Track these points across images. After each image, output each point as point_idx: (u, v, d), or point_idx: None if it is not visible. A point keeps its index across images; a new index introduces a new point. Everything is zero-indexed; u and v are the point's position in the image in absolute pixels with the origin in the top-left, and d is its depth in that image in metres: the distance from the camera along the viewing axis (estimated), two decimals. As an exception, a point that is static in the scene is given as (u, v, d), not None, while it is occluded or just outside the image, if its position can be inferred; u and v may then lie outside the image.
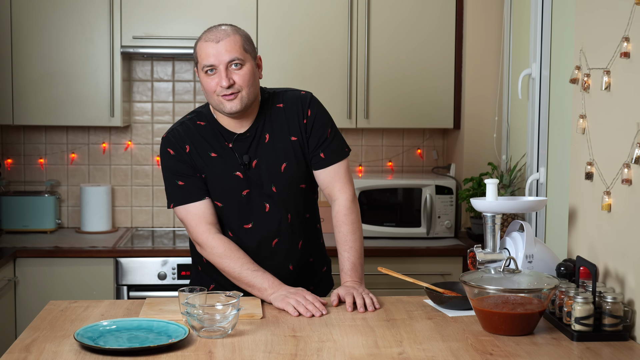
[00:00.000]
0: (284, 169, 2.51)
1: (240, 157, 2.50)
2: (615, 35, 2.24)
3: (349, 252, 2.53)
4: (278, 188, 2.51)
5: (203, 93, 2.55)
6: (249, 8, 3.95)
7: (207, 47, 2.40)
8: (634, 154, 2.11)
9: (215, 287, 2.61)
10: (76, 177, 4.30)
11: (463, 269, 3.81)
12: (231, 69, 2.40)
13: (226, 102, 2.41)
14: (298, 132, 2.52)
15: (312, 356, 1.96)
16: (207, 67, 2.41)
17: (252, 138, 2.51)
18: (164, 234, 4.19)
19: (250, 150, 2.50)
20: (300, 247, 2.60)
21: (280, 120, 2.52)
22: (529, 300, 2.10)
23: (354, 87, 4.01)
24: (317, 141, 2.53)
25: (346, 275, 2.51)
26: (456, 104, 4.10)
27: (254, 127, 2.51)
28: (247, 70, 2.42)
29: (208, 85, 2.42)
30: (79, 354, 1.96)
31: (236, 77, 2.40)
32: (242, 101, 2.42)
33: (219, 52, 2.39)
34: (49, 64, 3.92)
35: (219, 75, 2.40)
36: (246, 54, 2.43)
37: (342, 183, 2.56)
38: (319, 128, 2.54)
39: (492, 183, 2.40)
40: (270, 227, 2.54)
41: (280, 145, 2.51)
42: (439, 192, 3.97)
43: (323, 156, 2.54)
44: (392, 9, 4.01)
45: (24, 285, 3.69)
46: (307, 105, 2.54)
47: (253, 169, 2.50)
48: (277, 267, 2.55)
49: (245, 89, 2.41)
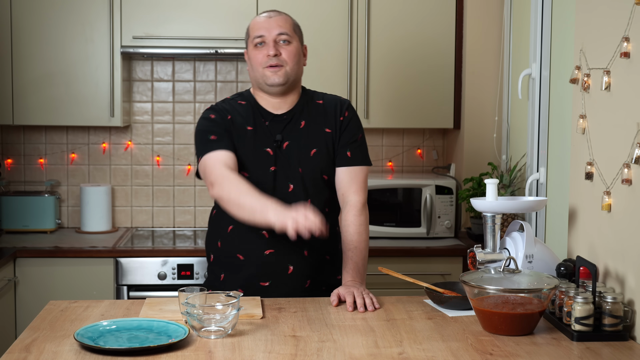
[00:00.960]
0: (313, 154, 2.60)
1: (273, 135, 2.59)
2: (615, 35, 2.24)
3: (353, 251, 2.56)
4: (303, 171, 2.59)
5: (248, 73, 2.66)
6: (249, 8, 3.95)
7: (260, 21, 2.60)
8: (634, 154, 2.11)
9: (225, 277, 2.62)
10: (76, 177, 4.30)
11: (463, 269, 3.81)
12: (280, 43, 2.56)
13: (270, 74, 2.55)
14: (333, 127, 2.64)
15: (312, 356, 1.96)
16: (257, 37, 2.57)
17: (288, 121, 2.62)
18: (164, 234, 4.19)
19: (285, 131, 2.61)
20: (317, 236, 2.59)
21: (318, 112, 2.65)
22: (529, 300, 2.10)
23: (354, 87, 4.01)
24: (348, 140, 2.63)
25: (348, 275, 2.53)
26: (456, 104, 4.10)
27: (291, 111, 2.63)
28: (293, 48, 2.58)
29: (255, 58, 2.57)
30: (79, 354, 1.96)
31: (283, 52, 2.56)
32: (285, 75, 2.56)
33: (271, 25, 2.57)
34: (49, 64, 3.92)
35: (267, 46, 2.56)
36: (295, 34, 2.61)
37: (358, 187, 2.63)
38: (352, 129, 2.65)
39: (492, 183, 2.40)
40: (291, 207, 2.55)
41: (314, 133, 2.62)
42: (439, 192, 3.97)
43: (349, 155, 2.63)
44: (392, 8, 4.01)
45: (24, 285, 3.69)
46: (345, 107, 2.67)
47: (284, 149, 2.59)
48: (291, 249, 2.57)
49: (289, 65, 2.57)
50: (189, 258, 3.75)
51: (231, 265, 2.62)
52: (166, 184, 4.33)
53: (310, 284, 2.62)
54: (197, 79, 4.32)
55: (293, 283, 2.59)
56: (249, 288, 2.57)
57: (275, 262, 2.58)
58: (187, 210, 4.35)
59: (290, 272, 2.58)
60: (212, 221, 2.71)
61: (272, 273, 2.58)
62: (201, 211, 4.35)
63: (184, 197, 4.34)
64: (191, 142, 4.32)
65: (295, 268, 2.58)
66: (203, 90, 4.33)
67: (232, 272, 2.62)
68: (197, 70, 4.31)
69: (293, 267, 2.58)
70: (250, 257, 2.59)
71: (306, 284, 2.61)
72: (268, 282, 2.58)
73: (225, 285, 2.61)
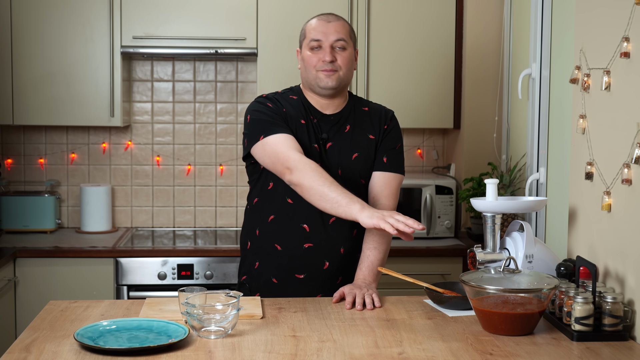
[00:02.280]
0: (355, 158, 2.64)
1: (320, 132, 2.64)
2: (615, 35, 2.24)
3: (371, 251, 2.59)
4: (343, 173, 2.62)
5: (300, 72, 2.67)
6: (249, 8, 3.96)
7: (319, 24, 2.61)
8: (634, 154, 2.11)
9: (260, 265, 2.66)
10: (76, 177, 4.30)
11: (463, 269, 3.81)
12: (336, 49, 2.59)
13: (324, 77, 2.58)
14: (377, 134, 2.69)
15: (312, 356, 1.96)
16: (314, 41, 2.59)
17: (335, 122, 2.65)
18: (164, 234, 4.19)
19: (330, 132, 2.64)
20: (354, 235, 2.65)
21: (363, 119, 2.69)
22: (528, 300, 2.10)
23: (354, 87, 4.00)
24: (387, 146, 2.68)
25: (360, 273, 2.58)
26: (456, 104, 4.10)
27: (339, 114, 2.67)
28: (348, 54, 2.61)
29: (309, 60, 2.60)
30: (79, 354, 1.96)
31: (338, 57, 2.59)
32: (338, 80, 2.59)
33: (329, 30, 2.59)
34: (49, 64, 3.92)
35: (323, 51, 2.58)
36: (350, 40, 2.63)
37: (391, 192, 2.67)
38: (392, 137, 2.70)
39: (492, 183, 2.40)
40: None
41: (357, 138, 2.66)
42: (439, 192, 3.97)
43: (385, 160, 2.67)
44: (392, 8, 4.01)
45: (24, 285, 3.69)
46: (389, 116, 2.73)
47: (327, 149, 2.62)
48: (329, 243, 2.61)
49: (343, 70, 2.60)
50: (189, 258, 3.75)
51: (267, 254, 2.65)
52: (166, 184, 4.33)
53: (342, 280, 2.66)
54: (197, 79, 4.32)
55: (326, 278, 2.64)
56: (284, 278, 2.63)
57: (313, 256, 2.62)
58: (187, 210, 4.35)
59: (326, 267, 2.63)
60: (252, 210, 2.71)
61: (309, 266, 2.62)
62: (201, 211, 4.35)
63: (184, 197, 4.34)
64: (191, 142, 4.33)
65: (331, 264, 2.63)
66: (203, 90, 4.33)
67: (267, 261, 2.66)
68: (197, 70, 4.31)
69: (329, 263, 2.63)
70: (289, 248, 2.63)
71: (338, 281, 2.65)
72: (303, 275, 2.63)
73: (259, 273, 2.66)
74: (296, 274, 2.63)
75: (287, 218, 2.61)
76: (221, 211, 4.36)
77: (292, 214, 2.60)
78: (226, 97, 4.33)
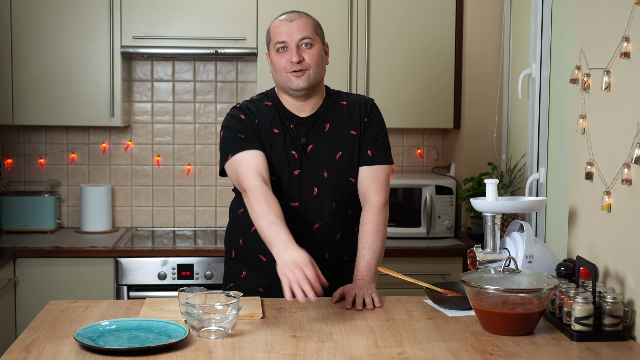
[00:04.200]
0: (339, 158, 2.61)
1: (298, 138, 2.58)
2: (615, 35, 2.24)
3: (367, 250, 2.57)
4: (329, 174, 2.59)
5: (272, 75, 2.64)
6: (249, 8, 3.96)
7: (281, 25, 2.56)
8: (634, 154, 2.11)
9: (247, 274, 2.63)
10: (76, 177, 4.30)
11: (463, 269, 3.81)
12: (302, 47, 2.54)
13: (294, 79, 2.54)
14: (358, 128, 2.64)
15: (312, 356, 1.96)
16: (279, 43, 2.54)
17: (313, 124, 2.61)
18: (164, 234, 4.19)
19: (310, 134, 2.61)
20: (338, 239, 2.63)
21: (342, 114, 2.65)
22: (528, 300, 2.10)
23: (354, 87, 4.00)
24: (370, 139, 2.64)
25: (358, 273, 2.55)
26: (456, 104, 4.10)
27: (315, 114, 2.63)
28: (316, 51, 2.56)
29: (278, 63, 2.56)
30: (79, 354, 1.96)
31: (306, 56, 2.54)
32: (309, 79, 2.54)
33: (292, 30, 2.54)
34: (49, 64, 3.92)
35: (289, 52, 2.54)
36: (316, 36, 2.58)
37: (380, 185, 2.62)
38: (374, 128, 2.65)
39: (492, 183, 2.40)
40: (315, 210, 2.59)
41: (339, 136, 2.62)
42: (439, 192, 3.97)
43: (370, 154, 2.63)
44: (392, 9, 4.01)
45: (24, 285, 3.69)
46: (369, 107, 2.67)
47: (308, 152, 2.59)
48: (313, 250, 2.53)
49: (313, 68, 2.55)
50: (189, 258, 3.75)
51: (253, 264, 2.63)
52: (166, 184, 4.33)
53: (331, 286, 2.60)
54: (197, 79, 4.32)
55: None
56: (270, 288, 2.59)
57: None
58: (187, 210, 4.35)
59: None
60: (236, 218, 2.70)
61: None
62: (201, 211, 4.35)
63: (184, 197, 4.34)
64: (191, 142, 4.32)
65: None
66: (203, 90, 4.33)
67: (254, 271, 2.64)
68: (197, 70, 4.31)
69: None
70: (272, 259, 2.56)
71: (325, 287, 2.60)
72: None
73: (246, 282, 2.63)
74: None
75: None
76: (221, 211, 4.35)
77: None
78: (226, 97, 4.33)
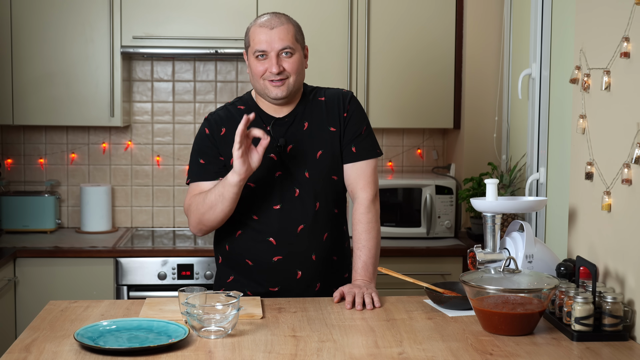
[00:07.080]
0: (319, 156, 2.56)
1: (276, 139, 2.55)
2: (615, 35, 2.24)
3: (362, 250, 2.54)
4: (310, 174, 2.55)
5: (249, 76, 2.61)
6: (249, 8, 3.96)
7: (261, 32, 2.49)
8: (634, 154, 2.11)
9: (234, 278, 2.62)
10: (76, 177, 4.30)
11: (463, 269, 3.81)
12: (282, 56, 2.48)
13: (272, 88, 2.49)
14: (337, 124, 2.59)
15: (312, 356, 1.96)
16: (259, 52, 2.48)
17: (290, 123, 2.57)
18: (164, 234, 4.19)
19: (287, 134, 2.56)
20: (325, 239, 2.59)
21: (320, 111, 2.59)
22: (529, 300, 2.10)
23: (354, 86, 4.01)
24: (352, 135, 2.58)
25: (356, 274, 2.53)
26: (456, 104, 4.10)
27: (292, 113, 2.58)
28: (296, 59, 2.50)
29: (256, 69, 2.50)
30: (79, 354, 1.96)
31: (286, 65, 2.49)
32: (288, 88, 2.50)
33: (272, 39, 2.47)
34: (49, 64, 3.92)
35: (269, 61, 2.48)
36: (297, 43, 2.52)
37: (366, 181, 2.58)
38: (355, 123, 2.59)
39: (492, 183, 2.40)
40: (298, 212, 2.55)
41: (318, 134, 2.57)
42: (439, 192, 3.97)
43: (354, 150, 2.58)
44: (392, 9, 4.01)
45: (24, 285, 3.69)
46: (347, 101, 2.61)
47: (287, 153, 2.55)
48: (299, 252, 2.56)
49: (293, 76, 2.50)
50: (189, 258, 3.75)
51: (240, 269, 2.61)
52: (166, 184, 4.33)
53: (320, 287, 2.60)
54: (197, 79, 4.32)
55: (302, 287, 2.58)
56: (259, 292, 2.57)
57: (284, 268, 2.56)
58: (187, 210, 4.34)
59: (299, 277, 2.57)
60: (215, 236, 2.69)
61: (281, 279, 2.57)
62: (201, 211, 4.34)
63: (184, 197, 4.34)
64: (191, 142, 4.32)
65: (304, 273, 2.57)
66: (203, 90, 4.33)
67: (241, 275, 2.61)
68: (197, 70, 4.31)
69: (302, 272, 2.57)
70: (259, 262, 2.57)
71: (316, 288, 2.60)
72: (277, 288, 2.57)
73: (234, 287, 2.60)
74: (270, 287, 2.56)
75: (254, 233, 2.55)
76: (221, 211, 4.35)
77: (258, 229, 2.55)
78: (226, 97, 4.33)
